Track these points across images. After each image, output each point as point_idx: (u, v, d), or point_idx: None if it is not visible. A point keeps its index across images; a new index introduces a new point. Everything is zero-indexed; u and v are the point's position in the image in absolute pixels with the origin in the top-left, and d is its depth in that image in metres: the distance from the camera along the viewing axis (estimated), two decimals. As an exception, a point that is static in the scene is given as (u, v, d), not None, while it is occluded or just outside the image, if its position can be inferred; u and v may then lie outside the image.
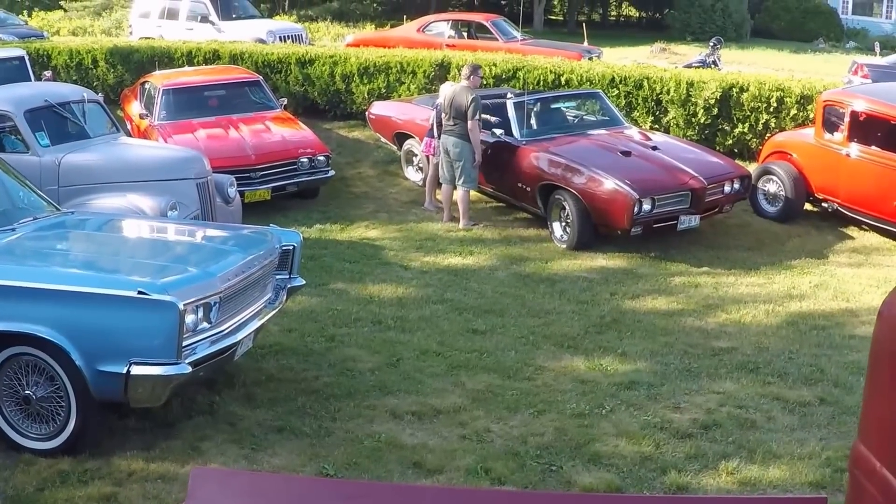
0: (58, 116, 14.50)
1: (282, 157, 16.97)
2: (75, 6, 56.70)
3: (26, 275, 8.28)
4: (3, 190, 10.54)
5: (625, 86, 19.00)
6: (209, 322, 8.22)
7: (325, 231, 15.87)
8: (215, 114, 18.35)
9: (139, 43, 27.98)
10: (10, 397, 8.30)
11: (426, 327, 11.51)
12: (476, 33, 29.87)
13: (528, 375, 10.15)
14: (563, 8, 56.71)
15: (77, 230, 10.24)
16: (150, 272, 8.35)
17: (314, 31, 40.53)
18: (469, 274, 13.69)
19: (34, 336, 7.97)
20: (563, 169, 14.84)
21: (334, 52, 23.34)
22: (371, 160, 20.10)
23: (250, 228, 10.36)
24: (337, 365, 10.32)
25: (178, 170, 13.76)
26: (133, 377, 7.80)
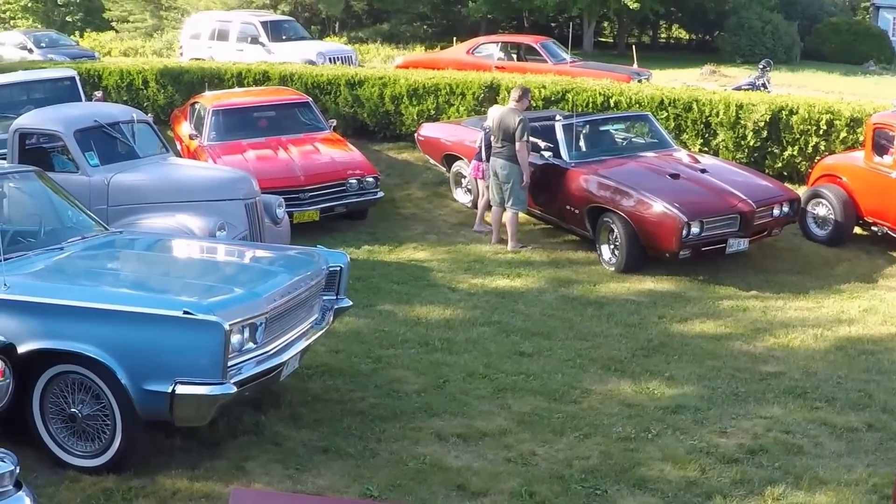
0: (107, 136, 14.60)
1: (331, 179, 17.03)
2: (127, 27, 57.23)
3: (74, 294, 8.33)
4: (52, 209, 10.65)
5: (674, 108, 18.94)
6: (255, 342, 8.24)
7: (374, 252, 15.92)
8: (265, 135, 18.42)
9: (189, 64, 28.23)
10: (56, 415, 8.35)
11: (473, 349, 11.51)
12: (525, 55, 29.91)
13: (575, 398, 10.12)
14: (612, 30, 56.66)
15: (125, 250, 10.31)
16: (197, 292, 8.39)
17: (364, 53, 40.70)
18: (517, 296, 13.67)
19: (81, 355, 8.01)
20: (612, 191, 14.81)
21: (384, 73, 23.41)
22: (420, 182, 20.14)
23: (297, 249, 10.37)
24: (383, 386, 10.32)
25: (226, 190, 13.85)
26: (178, 396, 7.83)
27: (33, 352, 8.02)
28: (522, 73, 23.32)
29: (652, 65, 33.34)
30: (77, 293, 8.34)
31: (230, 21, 34.59)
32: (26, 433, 8.32)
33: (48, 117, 15.10)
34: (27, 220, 10.33)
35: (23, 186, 10.76)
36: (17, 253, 9.14)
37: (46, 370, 8.24)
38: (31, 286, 8.50)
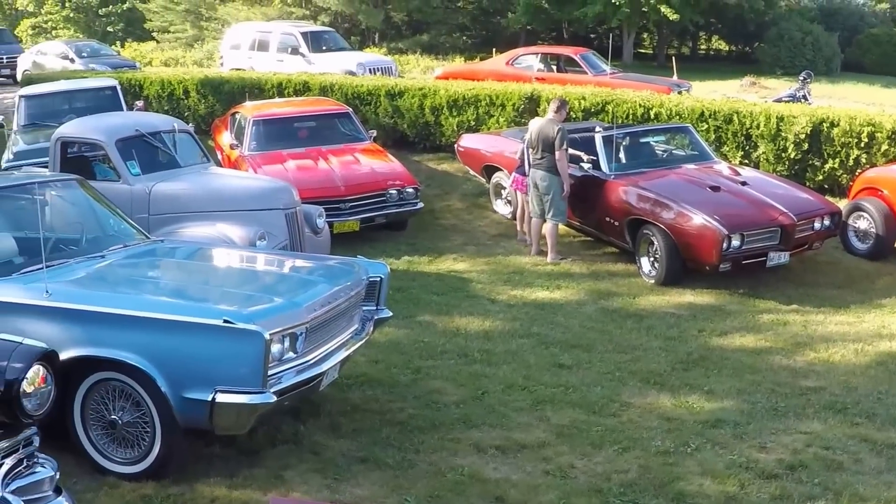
0: (149, 146, 14.74)
1: (371, 189, 17.09)
2: (167, 38, 57.54)
3: (115, 301, 8.38)
4: (94, 217, 10.73)
5: (714, 120, 18.87)
6: (295, 352, 8.27)
7: (413, 263, 15.97)
8: (305, 145, 18.53)
9: (230, 74, 28.40)
10: (96, 421, 8.42)
11: (512, 361, 11.50)
12: (565, 67, 29.86)
13: (614, 412, 10.08)
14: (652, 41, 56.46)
15: (166, 258, 10.34)
16: (237, 301, 8.43)
17: (403, 64, 40.73)
18: (556, 308, 13.66)
19: (122, 362, 8.07)
20: (652, 204, 14.78)
21: (424, 84, 23.46)
22: (460, 192, 20.17)
23: (337, 259, 10.38)
24: (422, 397, 10.33)
25: (267, 200, 13.91)
26: (218, 405, 7.86)
27: (75, 359, 8.08)
28: (562, 84, 23.28)
29: (691, 76, 33.22)
30: (118, 301, 8.39)
31: (270, 32, 34.68)
32: (67, 439, 8.38)
33: (90, 126, 15.24)
34: (69, 228, 10.41)
35: (65, 194, 10.85)
36: (59, 260, 9.25)
37: (87, 377, 8.31)
38: (72, 293, 8.56)
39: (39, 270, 8.62)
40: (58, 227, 10.19)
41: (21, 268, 9.06)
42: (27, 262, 9.12)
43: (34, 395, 6.66)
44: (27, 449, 6.74)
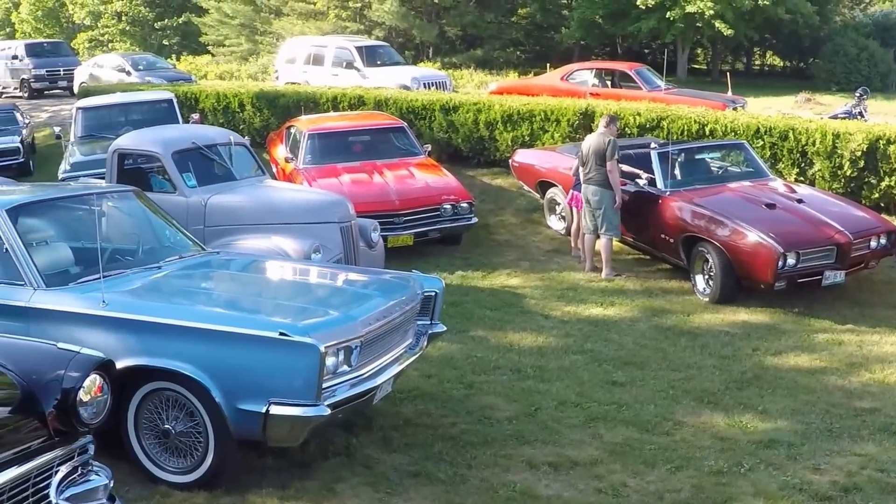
0: (205, 158, 14.84)
1: (425, 203, 17.12)
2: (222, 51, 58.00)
3: (171, 312, 8.43)
4: (150, 228, 10.82)
5: (770, 137, 18.71)
6: (349, 365, 8.27)
7: (467, 278, 15.97)
8: (360, 159, 18.60)
9: (285, 88, 28.54)
10: (149, 430, 8.48)
11: (565, 377, 11.46)
12: (619, 82, 29.78)
13: (667, 430, 10.02)
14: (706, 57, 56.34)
15: (221, 270, 10.42)
16: (292, 314, 8.45)
17: (458, 79, 40.81)
18: (610, 325, 13.61)
19: (177, 372, 8.12)
20: (707, 221, 14.70)
21: (478, 99, 23.50)
22: (514, 208, 20.16)
23: (393, 273, 10.41)
24: (475, 412, 10.31)
25: (322, 213, 13.94)
26: (272, 417, 7.89)
27: (130, 368, 8.13)
28: (617, 99, 23.26)
29: (746, 92, 33.04)
30: (174, 312, 8.44)
31: (325, 46, 34.82)
32: (119, 448, 8.43)
33: (147, 138, 15.36)
34: (126, 239, 10.51)
35: (122, 206, 10.95)
36: (115, 271, 9.32)
37: (142, 386, 8.37)
38: (129, 304, 8.63)
39: (96, 280, 8.68)
40: (115, 237, 10.28)
41: (78, 277, 9.15)
42: (84, 272, 9.20)
43: (90, 403, 6.73)
44: (82, 457, 6.81)
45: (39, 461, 6.46)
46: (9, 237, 9.11)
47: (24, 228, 9.43)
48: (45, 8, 76.15)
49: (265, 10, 56.36)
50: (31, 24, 75.90)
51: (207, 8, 60.96)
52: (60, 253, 9.79)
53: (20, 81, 42.69)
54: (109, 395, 6.92)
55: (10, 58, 43.89)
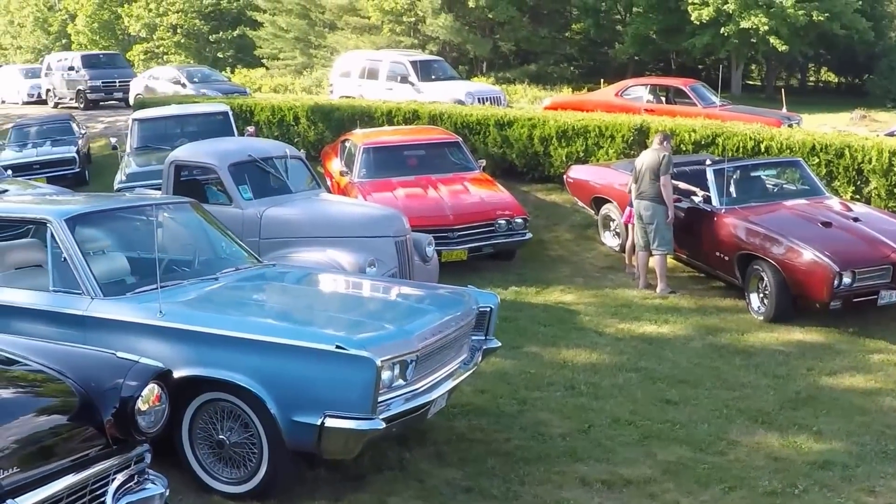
0: (261, 171, 14.90)
1: (480, 219, 17.11)
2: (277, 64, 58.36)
3: (227, 323, 8.46)
4: (207, 240, 10.90)
5: (825, 154, 18.52)
6: (405, 379, 8.28)
7: (521, 293, 15.94)
8: (414, 173, 18.65)
9: (340, 101, 28.62)
10: (204, 440, 8.54)
11: (619, 395, 11.42)
12: (674, 98, 29.64)
13: (721, 449, 9.95)
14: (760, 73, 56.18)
15: (277, 282, 10.48)
16: (349, 327, 8.48)
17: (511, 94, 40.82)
18: (664, 343, 13.56)
19: (232, 383, 8.16)
20: (762, 238, 14.61)
21: (533, 114, 23.45)
22: (568, 224, 20.13)
23: (448, 288, 10.38)
24: (528, 428, 10.29)
25: (377, 227, 13.95)
26: (327, 429, 7.89)
27: (185, 378, 8.17)
28: (672, 116, 23.12)
29: (800, 108, 32.83)
30: (230, 323, 8.47)
31: (380, 60, 34.88)
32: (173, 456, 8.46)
33: (203, 151, 15.45)
34: (183, 250, 10.60)
35: (179, 217, 11.05)
36: (172, 281, 9.37)
37: (197, 397, 8.43)
38: (185, 314, 8.69)
39: (153, 290, 8.74)
40: (172, 248, 10.37)
41: (135, 287, 9.25)
42: (141, 282, 9.29)
43: (148, 412, 6.79)
44: (139, 465, 6.86)
45: (97, 469, 6.51)
46: (67, 246, 9.21)
47: (83, 238, 9.54)
48: (100, 20, 76.78)
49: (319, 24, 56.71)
50: (87, 35, 76.53)
51: (262, 21, 61.40)
52: (118, 263, 9.88)
53: (76, 92, 43.05)
54: (167, 405, 6.97)
55: (67, 69, 44.29)
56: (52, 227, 9.39)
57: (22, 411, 6.41)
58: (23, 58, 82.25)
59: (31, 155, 27.11)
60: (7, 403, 6.46)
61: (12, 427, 6.13)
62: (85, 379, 6.78)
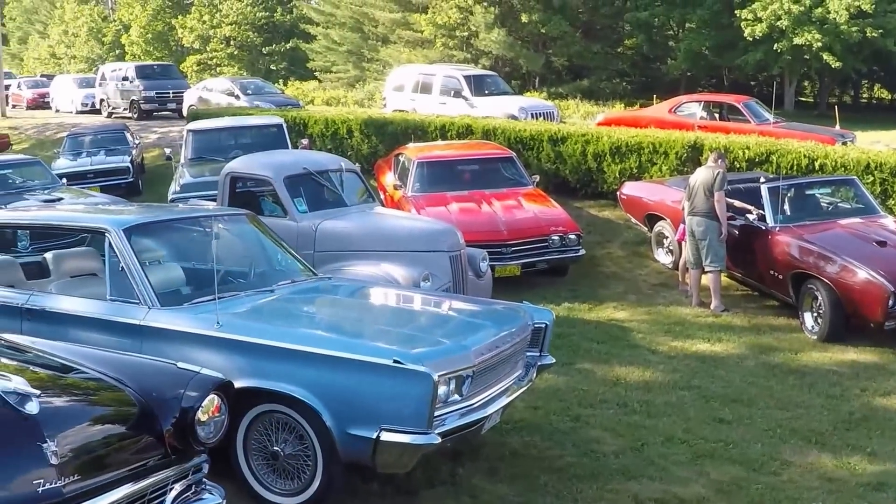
0: (316, 184, 14.94)
1: (533, 234, 17.12)
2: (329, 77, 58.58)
3: (284, 336, 8.48)
4: (263, 252, 10.96)
5: (880, 173, 18.37)
6: (460, 395, 8.26)
7: (574, 310, 15.92)
8: (468, 188, 18.70)
9: (393, 115, 28.68)
10: (258, 451, 8.57)
11: (672, 413, 11.38)
12: (728, 115, 29.53)
13: (774, 470, 9.90)
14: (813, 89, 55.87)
15: (333, 295, 10.51)
16: (405, 341, 8.48)
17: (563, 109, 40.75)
18: (717, 361, 13.50)
19: (287, 395, 8.19)
20: (816, 257, 14.54)
21: (586, 130, 23.42)
22: (621, 240, 20.12)
23: (504, 304, 10.38)
24: (581, 445, 10.27)
25: (432, 242, 13.96)
26: (382, 443, 7.89)
27: (241, 389, 8.16)
28: (726, 133, 23.00)
29: (853, 125, 32.55)
30: (287, 335, 8.48)
31: (434, 74, 34.89)
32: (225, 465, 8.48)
33: (259, 163, 15.53)
34: (239, 262, 10.64)
35: (236, 229, 11.13)
36: (229, 293, 9.41)
37: (253, 408, 8.45)
38: (242, 326, 8.73)
39: (210, 301, 8.79)
40: (228, 259, 10.38)
41: (191, 298, 9.32)
42: (197, 293, 9.36)
43: (208, 423, 6.84)
44: (196, 475, 6.91)
45: (155, 478, 6.55)
46: (125, 256, 9.29)
47: (141, 248, 9.61)
48: (154, 31, 77.33)
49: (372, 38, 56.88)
50: (140, 46, 77.09)
51: (315, 34, 61.64)
52: (175, 273, 9.96)
53: (130, 103, 43.39)
54: (227, 416, 7.02)
55: (121, 79, 44.63)
56: (110, 236, 9.48)
57: (82, 419, 6.44)
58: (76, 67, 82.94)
59: (86, 164, 27.39)
60: (67, 411, 6.50)
61: (72, 434, 6.17)
62: (145, 388, 6.84)
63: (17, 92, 58.61)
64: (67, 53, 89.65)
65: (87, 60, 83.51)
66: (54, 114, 49.63)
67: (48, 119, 46.09)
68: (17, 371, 6.47)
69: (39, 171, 23.45)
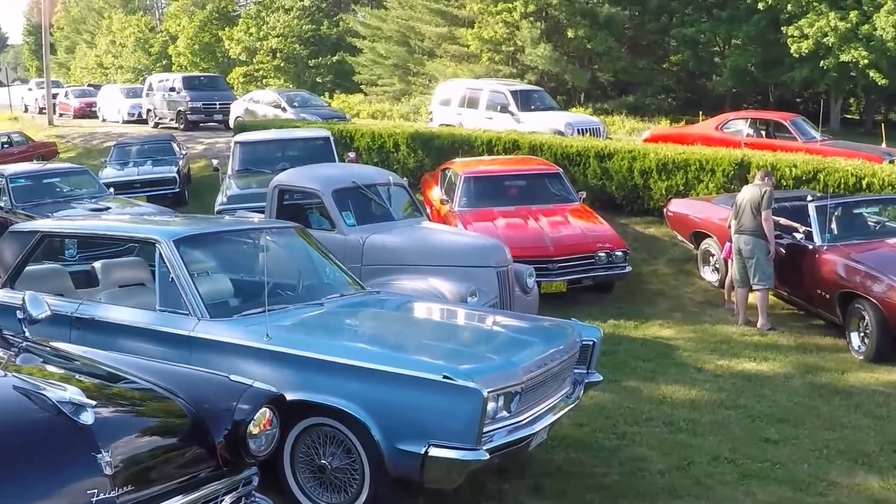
0: (364, 197, 14.99)
1: (580, 251, 17.11)
2: (375, 90, 58.65)
3: (333, 349, 8.50)
4: (312, 266, 11.02)
5: (929, 191, 18.36)
6: (509, 411, 8.26)
7: (619, 327, 15.90)
8: (515, 203, 18.72)
9: (440, 129, 28.70)
10: (305, 464, 8.59)
11: (718, 432, 11.32)
12: (774, 132, 29.38)
13: (821, 491, 9.82)
14: (859, 106, 55.56)
15: (382, 309, 10.55)
16: (455, 357, 8.45)
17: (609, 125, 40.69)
18: (763, 380, 13.44)
19: (336, 409, 8.20)
20: (863, 276, 14.46)
21: (633, 147, 23.44)
22: (667, 258, 20.06)
23: (551, 321, 10.38)
24: (626, 463, 10.23)
25: (480, 257, 13.98)
26: (430, 458, 7.89)
27: (290, 402, 8.15)
28: (772, 150, 22.92)
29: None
30: (336, 349, 8.51)
31: (480, 89, 34.89)
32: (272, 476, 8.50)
33: (308, 176, 15.60)
34: (287, 275, 10.68)
35: (285, 241, 11.19)
36: (278, 305, 9.42)
37: (301, 421, 8.46)
38: (292, 339, 8.76)
39: (259, 314, 8.85)
40: (277, 272, 10.39)
41: (240, 310, 9.38)
42: (246, 305, 9.44)
43: (259, 436, 6.87)
44: (246, 488, 6.93)
45: (206, 490, 6.57)
46: (176, 267, 9.37)
47: (191, 259, 9.67)
48: (201, 42, 77.75)
49: (418, 52, 57.00)
50: (187, 57, 77.54)
51: (361, 48, 61.80)
52: (224, 285, 10.03)
53: (177, 113, 43.67)
54: (278, 429, 7.05)
55: (168, 90, 44.93)
56: (161, 247, 9.55)
57: (134, 429, 6.47)
58: (123, 77, 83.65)
59: (133, 174, 27.62)
60: (120, 421, 6.52)
61: (125, 445, 6.18)
62: (197, 399, 6.87)
63: (64, 101, 59.14)
64: (114, 63, 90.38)
65: (134, 70, 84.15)
66: (101, 123, 50.00)
67: (95, 128, 46.47)
68: (67, 379, 6.50)
69: (87, 179, 23.69)
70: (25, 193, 22.10)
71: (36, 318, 7.94)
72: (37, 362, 7.30)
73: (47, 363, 7.29)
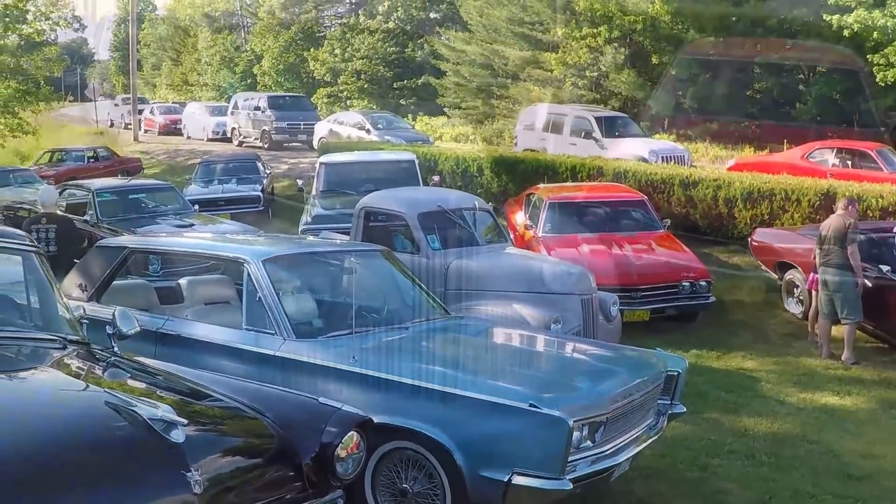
0: (449, 222, 15.00)
1: (664, 280, 17.02)
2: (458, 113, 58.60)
3: (419, 374, 8.54)
4: (397, 289, 11.07)
5: None
6: (593, 441, 8.26)
7: (701, 357, 15.77)
8: (599, 230, 18.68)
9: (524, 154, 28.79)
10: (387, 487, 8.61)
11: (800, 467, 11.20)
12: (860, 163, 29.11)
13: (905, 528, 9.76)
14: (943, 135, 54.93)
15: (467, 335, 10.57)
16: (540, 385, 8.47)
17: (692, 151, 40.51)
18: (846, 415, 13.28)
19: (420, 433, 8.24)
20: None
21: (718, 175, 23.31)
22: (750, 288, 19.87)
23: (637, 350, 10.37)
24: (708, 496, 10.18)
25: (564, 284, 13.94)
26: (513, 486, 7.90)
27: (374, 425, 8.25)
28: (859, 181, 22.74)
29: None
30: (421, 374, 8.54)
31: (565, 114, 34.93)
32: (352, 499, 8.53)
33: (394, 198, 15.66)
34: (373, 298, 10.76)
35: (371, 264, 11.27)
36: (363, 328, 9.50)
37: (384, 444, 8.48)
38: (376, 361, 8.80)
39: (345, 336, 8.91)
40: (362, 295, 10.46)
41: (326, 331, 9.45)
42: (332, 326, 9.49)
43: (346, 459, 6.89)
44: (331, 510, 6.95)
45: (292, 511, 6.61)
46: (263, 287, 9.47)
47: (278, 279, 9.75)
48: (286, 63, 78.25)
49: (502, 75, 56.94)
50: (272, 77, 78.08)
51: (445, 70, 61.90)
52: (310, 306, 10.11)
53: (261, 132, 44.07)
54: (364, 453, 7.08)
55: (253, 108, 45.38)
56: (248, 267, 9.66)
57: (222, 448, 6.54)
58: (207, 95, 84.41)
59: (217, 191, 27.93)
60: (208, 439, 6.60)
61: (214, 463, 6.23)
62: (284, 421, 6.92)
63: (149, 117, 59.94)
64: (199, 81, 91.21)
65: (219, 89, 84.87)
66: (185, 140, 50.51)
67: (179, 145, 47.00)
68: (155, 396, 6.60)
69: (172, 196, 23.96)
70: (111, 208, 22.38)
71: (126, 334, 8.01)
72: (125, 378, 7.40)
73: (136, 379, 7.38)
